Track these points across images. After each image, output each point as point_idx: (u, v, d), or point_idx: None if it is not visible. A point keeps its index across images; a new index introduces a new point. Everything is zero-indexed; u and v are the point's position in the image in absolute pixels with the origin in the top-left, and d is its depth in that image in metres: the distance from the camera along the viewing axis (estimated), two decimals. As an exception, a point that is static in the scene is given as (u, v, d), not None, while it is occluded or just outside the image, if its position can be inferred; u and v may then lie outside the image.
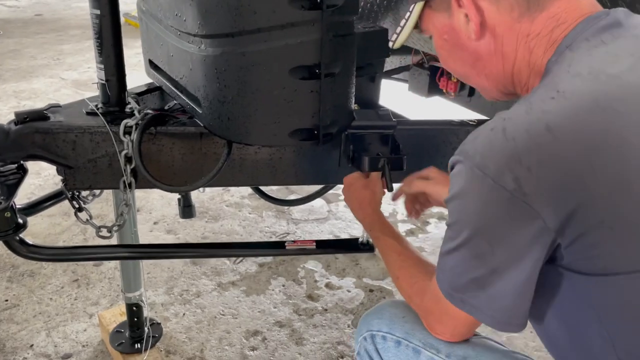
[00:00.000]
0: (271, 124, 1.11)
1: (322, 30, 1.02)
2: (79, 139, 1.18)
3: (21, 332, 1.81)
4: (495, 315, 0.78)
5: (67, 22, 6.42)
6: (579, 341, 0.80)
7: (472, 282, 0.78)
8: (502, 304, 0.77)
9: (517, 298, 0.77)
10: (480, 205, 0.75)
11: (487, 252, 0.75)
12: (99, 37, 1.18)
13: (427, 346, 0.90)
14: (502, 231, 0.73)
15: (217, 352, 1.75)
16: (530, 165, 0.69)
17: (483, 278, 0.76)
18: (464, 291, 0.79)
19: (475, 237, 0.76)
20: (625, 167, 0.69)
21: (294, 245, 1.39)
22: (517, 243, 0.73)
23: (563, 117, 0.70)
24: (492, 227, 0.74)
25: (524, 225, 0.71)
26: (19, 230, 1.20)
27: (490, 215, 0.74)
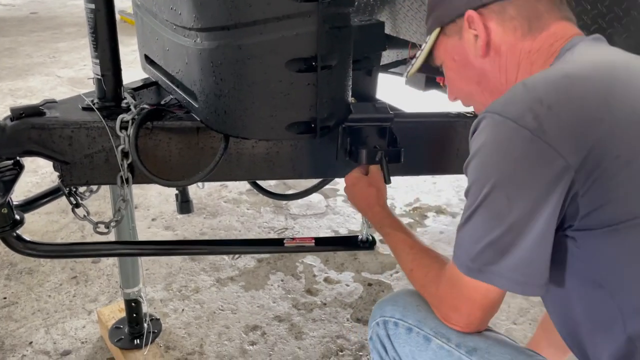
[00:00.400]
0: (268, 117, 1.11)
1: (319, 22, 1.01)
2: (75, 135, 1.17)
3: (20, 330, 1.80)
4: (515, 277, 0.77)
5: (63, 20, 6.40)
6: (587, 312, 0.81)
7: (489, 247, 0.77)
8: (521, 264, 0.76)
9: (536, 255, 0.76)
10: (500, 153, 0.77)
11: (505, 208, 0.75)
12: (94, 32, 1.17)
13: (438, 335, 0.90)
14: (522, 177, 0.74)
15: (217, 347, 1.75)
16: (550, 104, 0.74)
17: (501, 239, 0.76)
18: (482, 259, 0.79)
19: (494, 190, 0.76)
20: (636, 108, 0.76)
21: (293, 243, 1.37)
22: (536, 190, 0.73)
23: (579, 69, 0.80)
24: (511, 175, 0.75)
25: (544, 167, 0.73)
26: (16, 226, 1.19)
27: (510, 160, 0.75)
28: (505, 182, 0.76)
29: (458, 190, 2.81)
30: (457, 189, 2.83)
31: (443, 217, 2.58)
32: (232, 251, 1.73)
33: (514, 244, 0.76)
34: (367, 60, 1.57)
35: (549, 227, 0.76)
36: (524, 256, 0.76)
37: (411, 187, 2.83)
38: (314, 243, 1.35)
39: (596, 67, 0.81)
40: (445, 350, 0.88)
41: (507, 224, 0.76)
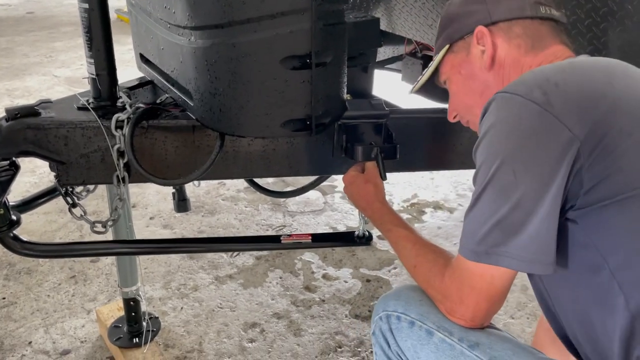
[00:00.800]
0: (263, 115, 1.11)
1: (312, 19, 1.01)
2: (70, 134, 1.17)
3: (19, 330, 1.81)
4: (523, 255, 0.77)
5: (59, 20, 6.38)
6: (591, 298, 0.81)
7: (496, 227, 0.78)
8: (530, 242, 0.77)
9: (544, 231, 0.76)
10: (508, 128, 0.79)
11: (512, 184, 0.76)
12: (88, 32, 1.17)
13: (441, 329, 0.90)
14: (529, 151, 0.76)
15: (216, 345, 1.75)
16: (557, 81, 0.79)
17: (508, 217, 0.77)
18: (489, 240, 0.78)
19: (501, 167, 0.77)
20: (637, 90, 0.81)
21: (290, 239, 1.37)
22: (543, 164, 0.75)
23: (581, 61, 0.88)
24: (518, 149, 0.77)
25: (552, 140, 0.75)
26: (12, 227, 1.20)
27: (518, 134, 0.77)
28: (512, 157, 0.77)
29: (455, 186, 2.82)
30: (455, 184, 2.83)
31: (441, 213, 2.58)
32: (229, 249, 1.73)
33: (522, 222, 0.76)
34: (363, 57, 1.57)
35: (556, 202, 0.76)
36: (532, 234, 0.76)
37: (409, 183, 2.83)
38: (311, 239, 1.35)
39: (597, 61, 0.89)
40: (447, 344, 0.88)
41: (514, 200, 0.76)
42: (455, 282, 0.86)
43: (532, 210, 0.76)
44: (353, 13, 1.66)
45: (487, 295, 0.83)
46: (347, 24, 1.14)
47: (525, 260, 0.77)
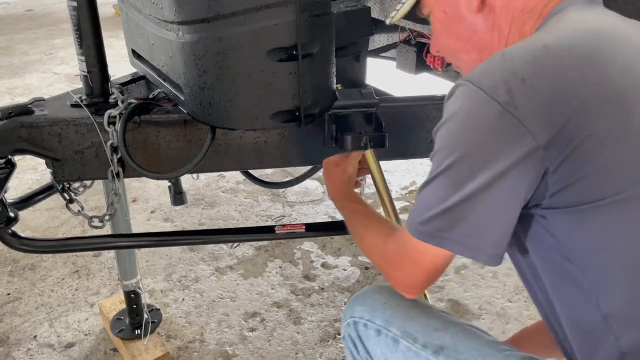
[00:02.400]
0: (252, 108, 1.12)
1: (297, 11, 1.02)
2: (64, 131, 1.19)
3: (24, 324, 1.84)
4: (467, 241, 0.77)
5: (58, 16, 6.39)
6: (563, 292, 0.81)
7: (443, 214, 0.77)
8: (475, 231, 0.76)
9: (492, 224, 0.76)
10: (469, 123, 0.76)
11: (466, 178, 0.75)
12: (77, 30, 1.19)
13: (405, 335, 0.91)
14: (487, 150, 0.74)
15: (217, 335, 1.78)
16: (524, 76, 0.74)
17: (457, 207, 0.76)
18: (434, 224, 0.78)
19: (458, 161, 0.76)
20: (616, 82, 0.75)
21: (284, 230, 1.37)
22: (500, 164, 0.73)
23: (559, 38, 0.79)
24: (477, 147, 0.75)
25: (511, 143, 0.72)
26: (10, 223, 1.22)
27: (478, 132, 0.75)
28: (470, 153, 0.75)
29: (454, 172, 2.82)
30: (454, 171, 2.84)
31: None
32: (225, 240, 1.76)
33: (470, 213, 0.75)
34: (355, 46, 1.58)
35: (510, 200, 0.75)
36: (479, 224, 0.76)
37: (407, 171, 2.84)
38: (305, 229, 1.37)
39: (580, 35, 0.79)
40: (412, 352, 0.90)
41: (466, 193, 0.75)
42: (399, 251, 0.86)
43: (482, 203, 0.74)
44: (344, 2, 1.66)
45: (426, 270, 0.83)
46: (335, 14, 1.15)
47: (470, 247, 0.77)
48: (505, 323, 1.82)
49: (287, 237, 1.49)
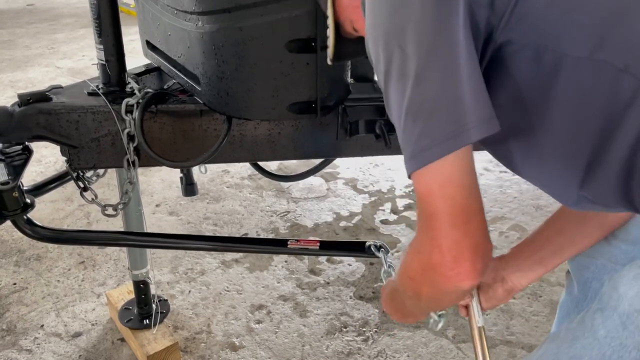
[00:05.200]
0: (269, 98, 1.14)
1: (316, 2, 1.03)
2: (81, 119, 1.20)
3: (31, 314, 1.85)
4: (443, 133, 0.61)
5: (60, 11, 6.38)
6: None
7: (407, 116, 0.62)
8: (447, 112, 0.61)
9: (462, 89, 0.61)
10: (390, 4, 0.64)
11: (402, 58, 0.62)
12: (97, 18, 1.20)
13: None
14: (403, 16, 0.63)
15: (224, 326, 1.79)
16: None
17: (414, 97, 0.62)
18: (409, 138, 0.63)
19: (387, 48, 0.63)
20: None
21: (297, 245, 1.32)
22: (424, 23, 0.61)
23: None
24: (392, 17, 0.64)
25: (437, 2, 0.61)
26: (26, 209, 1.23)
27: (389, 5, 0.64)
28: (392, 31, 0.63)
29: (457, 171, 2.84)
30: (457, 169, 2.86)
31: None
32: (237, 249, 1.76)
33: (432, 94, 0.61)
34: (365, 42, 1.60)
35: (463, 53, 0.61)
36: (449, 100, 0.61)
37: (411, 169, 2.86)
38: (319, 246, 1.30)
39: None
40: None
41: (413, 74, 0.61)
42: (420, 229, 0.67)
43: (436, 77, 0.61)
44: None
45: (449, 215, 0.63)
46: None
47: (454, 134, 0.60)
48: (509, 319, 1.84)
49: (299, 253, 1.48)
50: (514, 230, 2.33)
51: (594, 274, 1.01)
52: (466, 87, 0.61)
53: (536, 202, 2.51)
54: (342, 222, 2.40)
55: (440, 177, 0.62)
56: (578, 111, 0.64)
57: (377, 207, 2.51)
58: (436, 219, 0.63)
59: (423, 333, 1.77)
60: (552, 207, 2.44)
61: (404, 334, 1.77)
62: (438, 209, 0.63)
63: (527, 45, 0.64)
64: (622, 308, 0.68)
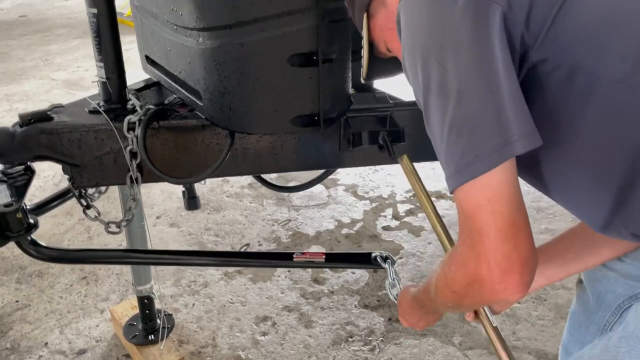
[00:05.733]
0: (272, 112, 1.13)
1: (318, 16, 1.03)
2: (83, 138, 1.20)
3: (34, 331, 1.84)
4: (490, 145, 0.62)
5: (53, 22, 6.37)
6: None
7: (451, 132, 0.64)
8: (490, 127, 0.62)
9: (504, 105, 0.62)
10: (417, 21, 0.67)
11: (443, 76, 0.64)
12: (97, 36, 1.19)
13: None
14: (447, 32, 0.65)
15: (229, 339, 1.79)
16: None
17: (457, 115, 0.63)
18: (454, 155, 0.64)
19: (426, 66, 0.65)
20: None
21: (302, 258, 1.31)
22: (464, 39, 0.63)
23: None
24: (432, 35, 0.65)
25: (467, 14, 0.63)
26: (30, 230, 1.22)
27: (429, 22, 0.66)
28: (431, 49, 0.65)
29: (457, 175, 2.84)
30: (456, 173, 2.86)
31: (443, 202, 2.61)
32: (242, 264, 1.75)
33: (474, 111, 0.62)
34: (364, 51, 1.60)
35: (504, 67, 0.63)
36: (491, 116, 0.62)
37: (411, 174, 2.86)
38: (325, 259, 1.29)
39: None
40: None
41: (455, 91, 0.63)
42: (464, 242, 0.67)
43: (478, 92, 0.62)
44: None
45: (499, 230, 0.63)
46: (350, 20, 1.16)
47: (500, 147, 0.61)
48: (515, 324, 1.84)
49: (305, 266, 1.47)
50: (516, 233, 2.33)
51: (607, 287, 1.01)
52: (507, 101, 0.62)
53: (537, 205, 2.51)
54: (343, 230, 2.40)
55: (489, 192, 0.63)
56: (611, 133, 0.65)
57: (378, 213, 2.51)
58: (485, 234, 0.64)
59: (430, 341, 1.77)
60: (552, 209, 2.44)
61: (411, 342, 1.76)
62: (487, 223, 0.63)
63: (562, 65, 0.65)
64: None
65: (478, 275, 0.65)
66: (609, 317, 1.02)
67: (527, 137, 0.62)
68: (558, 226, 2.34)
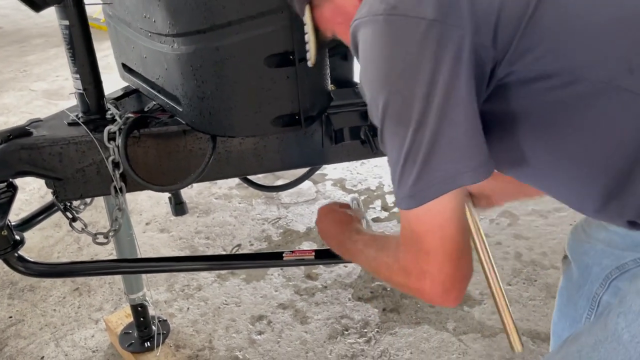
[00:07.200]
0: (253, 114, 1.13)
1: (292, 16, 1.03)
2: (64, 151, 1.19)
3: (30, 346, 1.83)
4: (440, 175, 0.65)
5: (29, 32, 6.29)
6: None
7: (407, 160, 0.66)
8: (442, 157, 0.65)
9: (462, 133, 0.65)
10: (380, 50, 0.68)
11: (403, 108, 0.66)
12: (71, 48, 1.18)
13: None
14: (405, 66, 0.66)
15: (226, 341, 1.79)
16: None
17: (415, 143, 0.66)
18: (407, 180, 0.67)
19: (384, 91, 0.67)
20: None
21: (292, 256, 1.31)
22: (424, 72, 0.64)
23: None
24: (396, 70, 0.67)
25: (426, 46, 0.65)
26: (17, 247, 1.21)
27: (390, 52, 0.67)
28: (390, 76, 0.67)
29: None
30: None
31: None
32: (233, 266, 1.75)
33: (430, 139, 0.65)
34: (342, 45, 1.60)
35: (462, 99, 0.65)
36: (445, 147, 0.65)
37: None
38: (314, 255, 1.29)
39: None
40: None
41: (413, 121, 0.65)
42: (409, 254, 0.72)
43: (434, 124, 0.64)
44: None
45: (444, 251, 0.69)
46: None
47: (449, 177, 0.65)
48: (507, 306, 1.86)
49: (296, 264, 1.47)
50: (504, 217, 2.35)
51: (594, 259, 1.04)
52: (463, 134, 0.65)
53: (523, 187, 2.54)
54: (334, 224, 2.41)
55: (439, 218, 0.68)
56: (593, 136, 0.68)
57: (367, 206, 2.52)
58: (432, 255, 0.69)
59: (424, 328, 1.79)
60: (539, 190, 2.46)
61: (405, 331, 1.78)
62: (435, 246, 0.69)
63: (536, 72, 0.67)
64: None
65: (420, 287, 0.72)
66: (597, 288, 1.05)
67: (478, 169, 0.66)
68: (544, 207, 2.37)
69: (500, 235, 2.24)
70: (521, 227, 2.28)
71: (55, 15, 1.18)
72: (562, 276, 1.19)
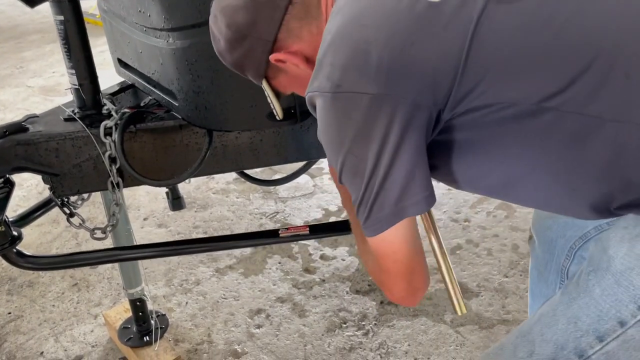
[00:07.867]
0: (248, 108, 1.14)
1: (286, 10, 1.03)
2: (61, 146, 1.20)
3: (29, 342, 1.84)
4: (386, 211, 0.76)
5: (25, 28, 6.26)
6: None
7: (364, 200, 0.77)
8: (388, 195, 0.76)
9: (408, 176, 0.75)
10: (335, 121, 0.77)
11: (356, 163, 0.76)
12: (66, 43, 1.18)
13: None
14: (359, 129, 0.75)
15: (224, 335, 1.80)
16: (332, 61, 0.76)
17: (366, 188, 0.77)
18: (365, 217, 0.79)
19: (339, 152, 0.77)
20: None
21: (288, 233, 1.37)
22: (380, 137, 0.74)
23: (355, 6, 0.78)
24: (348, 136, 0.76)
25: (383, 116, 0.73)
26: (15, 242, 1.22)
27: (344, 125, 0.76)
28: (344, 141, 0.77)
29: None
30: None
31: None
32: (229, 246, 1.76)
33: (379, 184, 0.76)
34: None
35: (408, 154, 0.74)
36: (397, 187, 0.75)
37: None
38: (309, 230, 1.35)
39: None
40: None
41: (365, 175, 0.76)
42: (377, 266, 0.86)
43: (382, 176, 0.75)
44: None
45: (398, 273, 0.82)
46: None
47: (396, 213, 0.76)
48: (504, 298, 1.87)
49: (292, 240, 1.51)
50: (501, 209, 2.36)
51: (557, 232, 1.08)
52: (407, 179, 0.75)
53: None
54: (331, 218, 2.41)
55: (390, 246, 0.80)
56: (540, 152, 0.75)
57: (364, 199, 2.52)
58: (388, 274, 0.83)
59: (422, 320, 1.80)
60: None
61: (403, 323, 1.79)
62: (390, 267, 0.82)
63: (479, 105, 0.74)
64: (614, 267, 0.74)
65: (386, 290, 0.87)
66: (563, 260, 1.10)
67: (420, 203, 0.77)
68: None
69: (498, 227, 2.25)
70: (518, 219, 2.29)
71: (51, 11, 1.18)
72: (530, 258, 1.21)
